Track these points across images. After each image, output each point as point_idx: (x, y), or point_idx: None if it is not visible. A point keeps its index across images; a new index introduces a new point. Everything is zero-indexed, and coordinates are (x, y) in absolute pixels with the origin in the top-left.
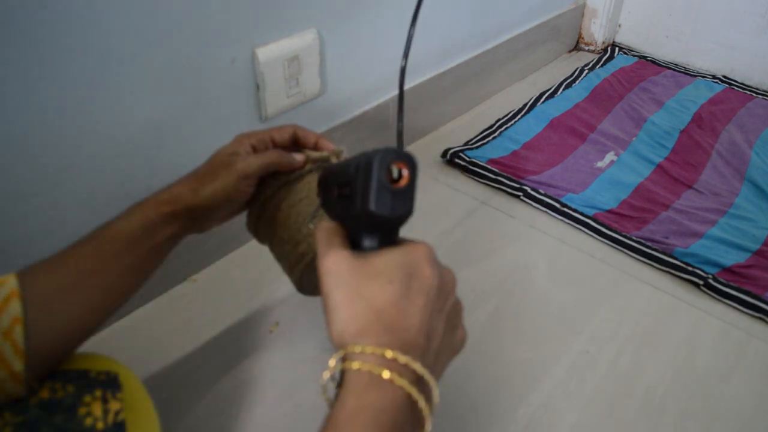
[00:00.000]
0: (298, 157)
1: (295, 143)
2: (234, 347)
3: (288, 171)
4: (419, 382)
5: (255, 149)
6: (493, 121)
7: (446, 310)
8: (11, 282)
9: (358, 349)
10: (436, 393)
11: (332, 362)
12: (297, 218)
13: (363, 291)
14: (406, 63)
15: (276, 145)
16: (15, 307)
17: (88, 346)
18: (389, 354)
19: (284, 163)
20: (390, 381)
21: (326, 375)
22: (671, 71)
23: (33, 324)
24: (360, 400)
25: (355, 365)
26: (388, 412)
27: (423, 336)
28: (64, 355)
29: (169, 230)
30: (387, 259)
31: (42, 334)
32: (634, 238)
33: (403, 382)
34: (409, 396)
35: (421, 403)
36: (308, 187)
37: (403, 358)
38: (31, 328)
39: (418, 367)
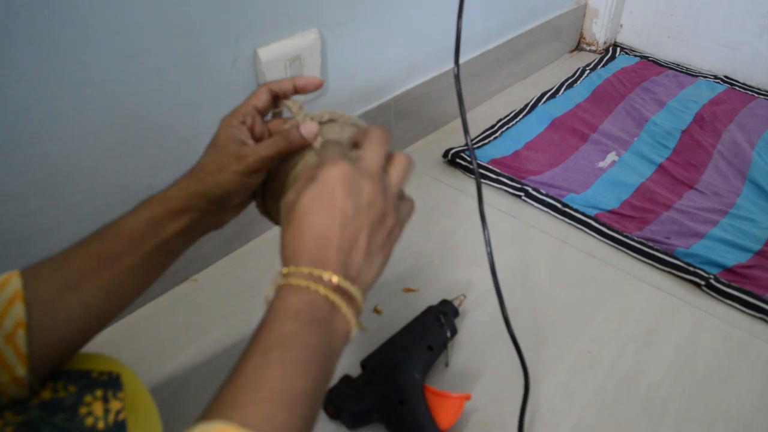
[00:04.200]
0: (305, 130)
1: (276, 98)
2: (235, 347)
3: (300, 148)
4: (338, 289)
5: (247, 128)
6: (494, 121)
7: (368, 222)
8: (15, 282)
9: (291, 269)
10: (356, 293)
11: (270, 288)
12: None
13: (298, 224)
14: (458, 59)
15: (261, 113)
16: (18, 311)
17: (90, 345)
18: (304, 270)
19: (296, 145)
20: (306, 287)
21: (267, 291)
22: (673, 71)
23: (36, 327)
24: (282, 302)
25: (281, 281)
26: (305, 308)
27: (342, 253)
28: (67, 357)
29: (176, 226)
30: (309, 196)
31: (44, 338)
32: (636, 238)
33: (319, 287)
34: (326, 297)
35: (338, 301)
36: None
37: (317, 272)
38: (33, 331)
39: (327, 275)
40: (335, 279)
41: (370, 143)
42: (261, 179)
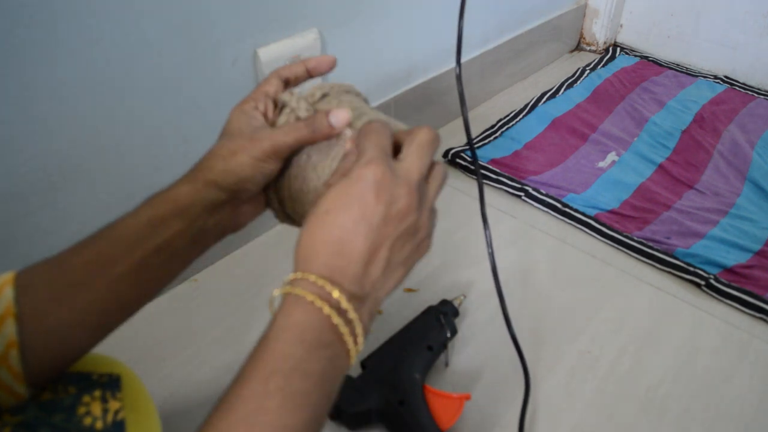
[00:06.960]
0: (335, 119)
1: (287, 84)
2: (235, 347)
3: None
4: (342, 312)
5: (261, 113)
6: (494, 121)
7: (395, 235)
8: (7, 294)
9: (299, 276)
10: (357, 322)
11: (276, 292)
12: (314, 172)
13: (319, 223)
14: (460, 56)
15: (274, 99)
16: (9, 329)
17: None
18: (312, 278)
19: (321, 134)
20: (312, 302)
21: (274, 294)
22: (673, 71)
23: (28, 345)
24: (287, 318)
25: (287, 289)
26: (311, 330)
27: (360, 264)
28: (64, 369)
29: (181, 223)
30: (336, 193)
31: (38, 356)
32: (636, 238)
33: (323, 304)
34: (329, 317)
35: (342, 327)
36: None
37: (320, 281)
38: (26, 350)
39: (335, 293)
40: (343, 302)
41: (415, 147)
42: (277, 167)
